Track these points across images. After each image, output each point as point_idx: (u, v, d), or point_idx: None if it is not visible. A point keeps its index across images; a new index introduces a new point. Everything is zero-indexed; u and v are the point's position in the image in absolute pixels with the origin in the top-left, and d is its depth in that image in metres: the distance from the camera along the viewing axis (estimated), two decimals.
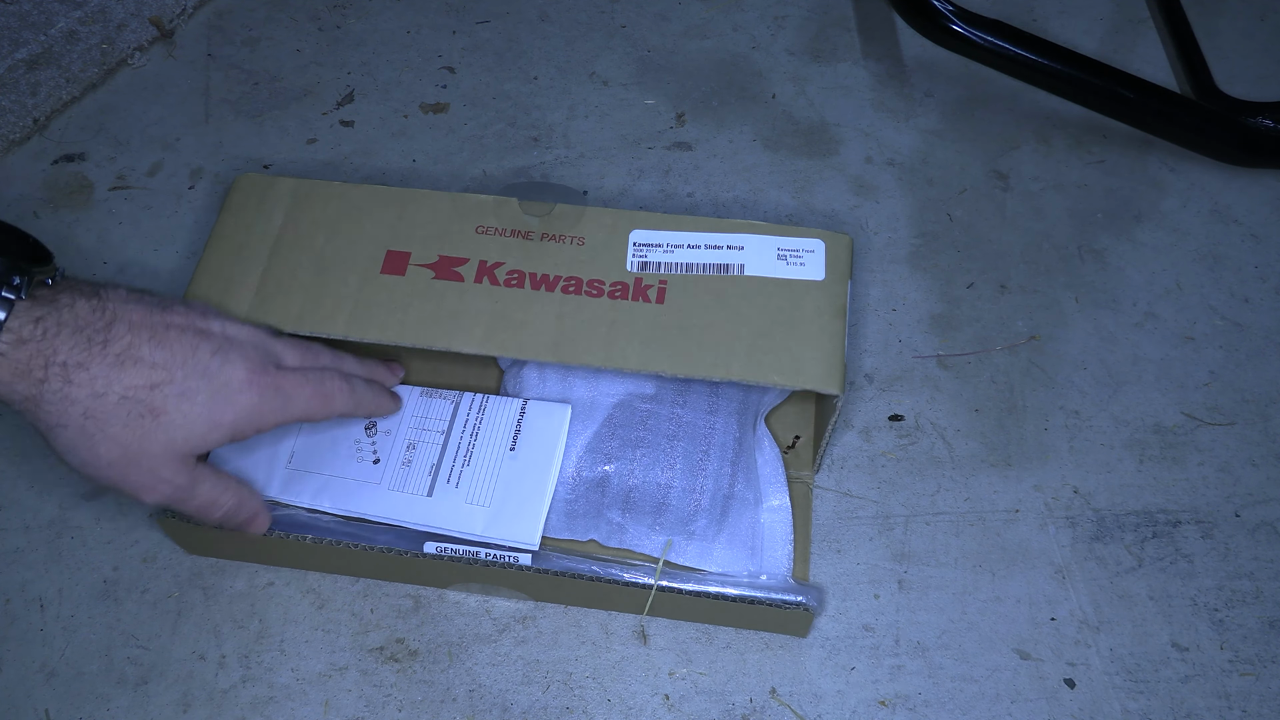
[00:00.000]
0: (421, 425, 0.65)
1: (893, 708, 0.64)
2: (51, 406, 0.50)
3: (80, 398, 0.50)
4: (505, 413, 0.65)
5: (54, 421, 0.50)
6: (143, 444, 0.52)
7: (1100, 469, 0.73)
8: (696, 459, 0.64)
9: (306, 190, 0.68)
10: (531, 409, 0.65)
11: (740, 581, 0.64)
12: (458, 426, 0.65)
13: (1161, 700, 0.64)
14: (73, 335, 0.50)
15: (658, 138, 0.91)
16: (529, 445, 0.64)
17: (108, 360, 0.50)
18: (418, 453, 0.64)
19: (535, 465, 0.63)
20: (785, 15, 1.01)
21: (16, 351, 0.48)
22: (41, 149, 0.90)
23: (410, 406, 0.66)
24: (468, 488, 0.63)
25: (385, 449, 0.65)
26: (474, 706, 0.63)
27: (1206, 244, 0.85)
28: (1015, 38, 0.85)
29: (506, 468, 0.64)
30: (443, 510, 0.63)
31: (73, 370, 0.49)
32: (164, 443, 0.53)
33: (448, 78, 0.95)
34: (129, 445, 0.52)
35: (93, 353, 0.50)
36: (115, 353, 0.51)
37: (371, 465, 0.64)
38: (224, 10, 1.00)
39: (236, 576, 0.68)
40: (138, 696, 0.63)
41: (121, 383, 0.51)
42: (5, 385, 0.49)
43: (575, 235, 0.65)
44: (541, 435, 0.64)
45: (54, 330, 0.49)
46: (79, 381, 0.50)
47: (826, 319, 0.62)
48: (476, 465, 0.64)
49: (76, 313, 0.50)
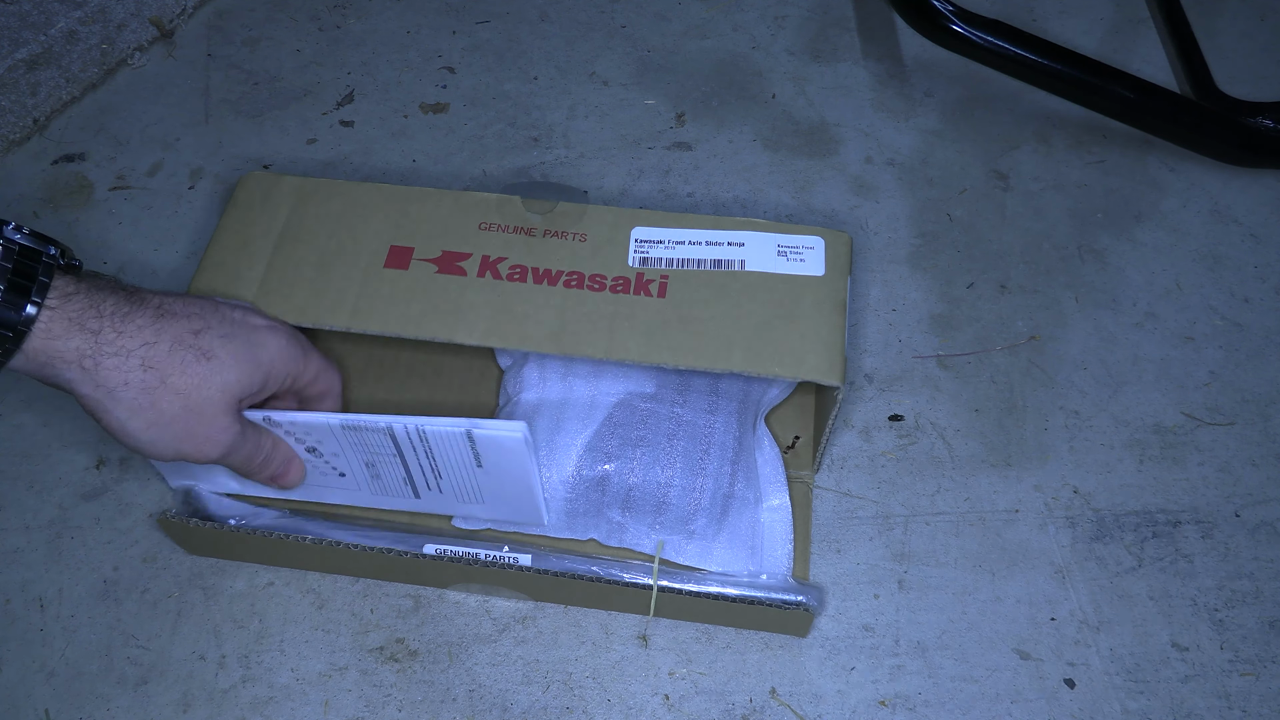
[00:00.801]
0: (365, 450, 0.60)
1: (893, 708, 0.63)
2: (110, 361, 0.50)
3: (134, 348, 0.50)
4: (453, 441, 0.58)
5: (116, 381, 0.50)
6: (201, 391, 0.52)
7: (1100, 469, 0.73)
8: (696, 458, 0.64)
9: (311, 188, 0.68)
10: (481, 441, 0.58)
11: (740, 581, 0.64)
12: (407, 450, 0.59)
13: (1161, 700, 0.64)
14: (113, 293, 0.51)
15: (658, 138, 0.91)
16: (496, 463, 0.59)
17: (148, 312, 0.52)
18: (382, 469, 0.61)
19: (512, 478, 0.60)
20: (785, 15, 1.01)
21: (67, 305, 0.49)
22: (41, 149, 0.89)
23: (339, 436, 0.59)
24: (454, 494, 0.62)
25: (343, 465, 0.62)
26: (474, 706, 0.63)
27: (1206, 244, 0.85)
28: (1015, 38, 0.85)
29: (483, 478, 0.60)
30: (438, 505, 0.63)
31: (121, 320, 0.50)
32: (220, 387, 0.53)
33: (448, 78, 0.95)
34: (189, 394, 0.52)
35: (134, 306, 0.51)
36: (153, 306, 0.52)
37: (339, 478, 0.63)
38: (224, 10, 1.00)
39: (236, 576, 0.68)
40: (138, 696, 0.63)
41: (169, 331, 0.52)
42: (60, 342, 0.49)
43: (577, 232, 0.66)
44: (504, 456, 0.58)
45: (95, 288, 0.51)
46: (130, 331, 0.50)
47: (827, 312, 0.62)
48: (451, 478, 0.61)
49: (106, 281, 0.52)
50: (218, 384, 0.53)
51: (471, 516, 0.66)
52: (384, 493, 0.63)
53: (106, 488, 0.71)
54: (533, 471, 0.59)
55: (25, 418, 0.74)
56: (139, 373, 0.51)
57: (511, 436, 0.57)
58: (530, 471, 0.59)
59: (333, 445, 0.60)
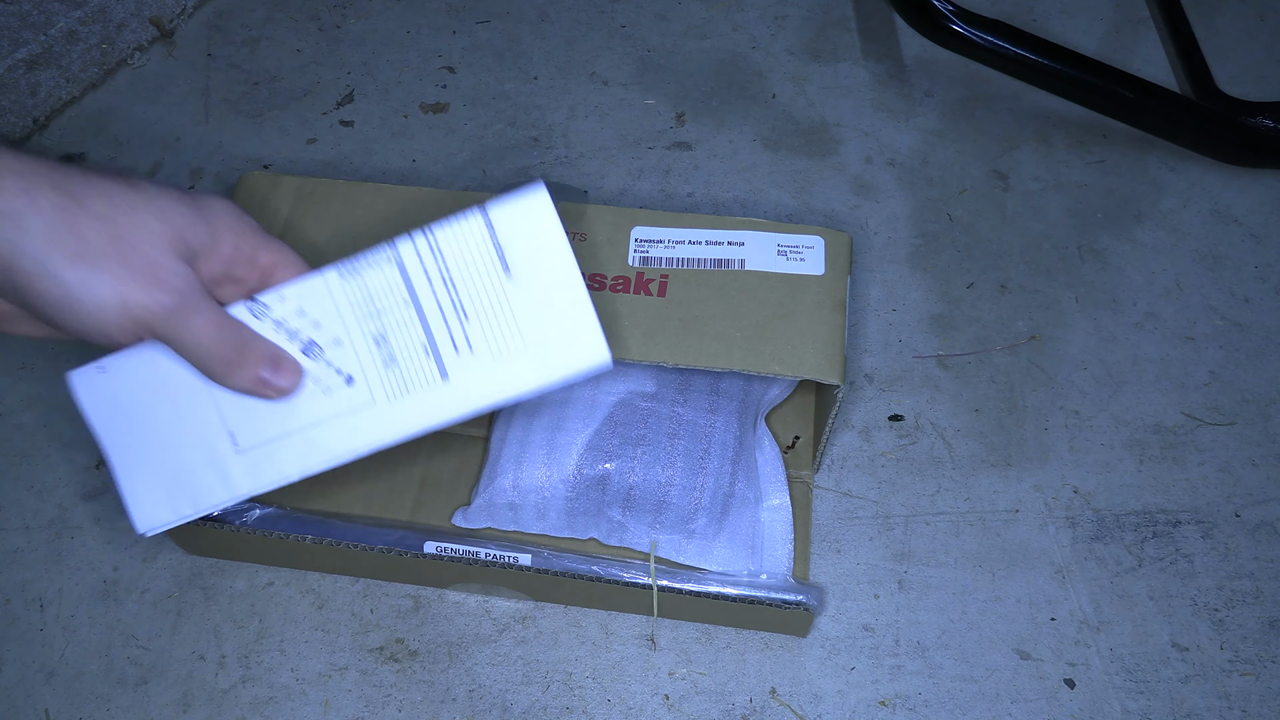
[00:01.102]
0: (372, 310, 0.48)
1: (893, 708, 0.63)
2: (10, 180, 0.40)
3: (41, 170, 0.40)
4: (470, 236, 0.47)
5: (21, 204, 0.39)
6: (130, 216, 0.41)
7: (1100, 469, 0.73)
8: (697, 457, 0.64)
9: (311, 188, 0.68)
10: (498, 216, 0.47)
11: (740, 581, 0.64)
12: (419, 285, 0.48)
13: (1161, 700, 0.64)
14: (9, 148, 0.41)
15: (658, 138, 0.91)
16: (526, 257, 0.48)
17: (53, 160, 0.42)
18: (395, 343, 0.48)
19: (550, 275, 0.48)
20: (785, 15, 1.01)
21: None
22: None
23: (338, 297, 0.48)
24: (486, 345, 0.48)
25: (350, 362, 0.48)
26: (474, 706, 0.63)
27: (1206, 244, 0.85)
28: (1015, 38, 0.85)
29: (516, 297, 0.48)
30: (471, 388, 0.49)
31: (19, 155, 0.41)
32: (155, 214, 0.41)
33: (448, 78, 0.95)
34: (115, 220, 0.40)
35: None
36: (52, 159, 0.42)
37: (347, 390, 0.48)
38: (224, 10, 1.00)
39: (236, 576, 0.68)
40: (138, 696, 0.63)
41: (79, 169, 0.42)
42: None
43: (578, 231, 0.66)
44: (533, 238, 0.48)
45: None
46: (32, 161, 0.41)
47: (827, 312, 0.62)
48: (479, 315, 0.48)
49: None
50: (151, 211, 0.41)
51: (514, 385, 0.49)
52: (404, 389, 0.49)
53: (106, 487, 0.71)
54: (565, 248, 0.47)
55: (25, 418, 0.74)
56: (48, 194, 0.40)
57: (533, 191, 0.46)
58: (565, 247, 0.47)
59: (333, 321, 0.48)
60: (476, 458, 0.71)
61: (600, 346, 0.48)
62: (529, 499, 0.64)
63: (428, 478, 0.70)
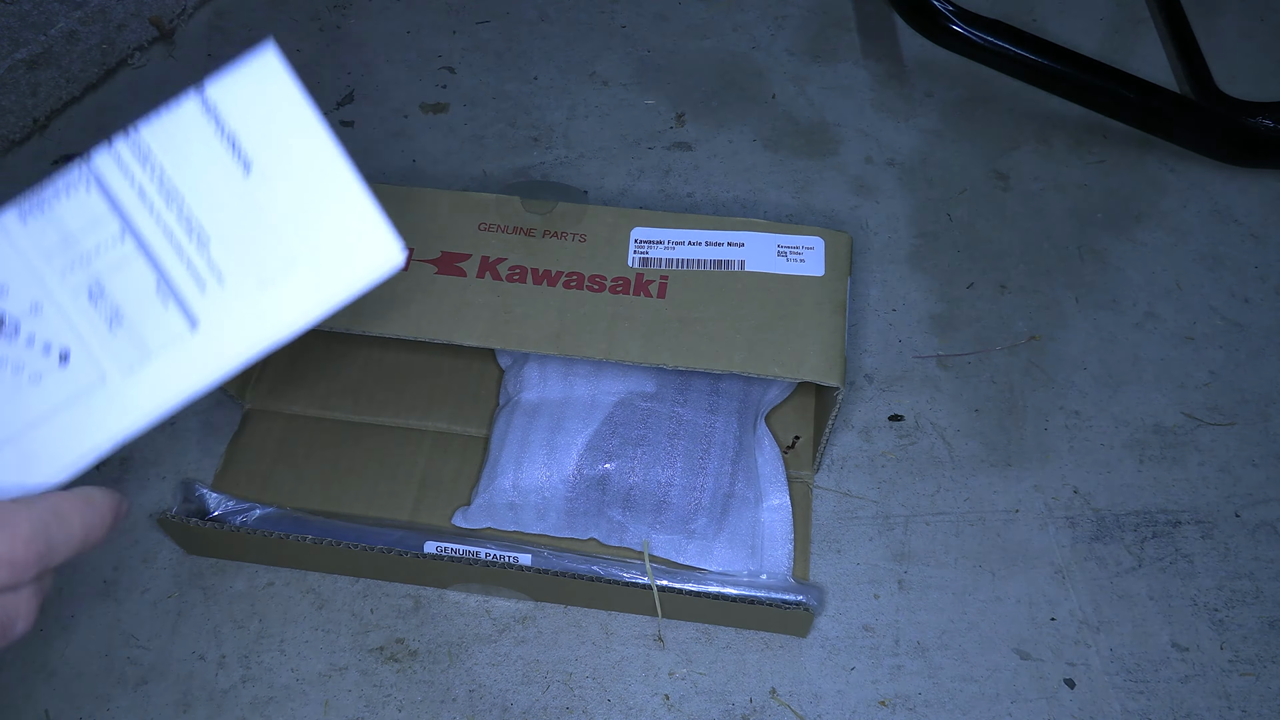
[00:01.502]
0: (78, 255, 0.35)
1: (893, 708, 0.63)
2: None
3: None
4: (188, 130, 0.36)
5: None
6: None
7: (1100, 469, 0.73)
8: (697, 458, 0.64)
9: None
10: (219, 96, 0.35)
11: (740, 581, 0.64)
12: (133, 209, 0.35)
13: (1161, 700, 0.64)
14: None
15: (658, 138, 0.91)
16: (267, 144, 0.36)
17: None
18: (117, 294, 0.35)
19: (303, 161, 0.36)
20: (785, 15, 1.01)
21: None
22: (41, 149, 0.89)
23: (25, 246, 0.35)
24: (241, 270, 0.36)
25: (60, 330, 0.35)
26: (474, 706, 0.63)
27: (1206, 244, 0.85)
28: (1015, 38, 0.85)
29: (266, 199, 0.36)
30: (235, 331, 0.36)
31: None
32: None
33: (448, 78, 0.95)
34: None
35: None
36: None
37: (62, 370, 0.35)
38: (224, 10, 1.00)
39: (236, 576, 0.68)
40: (138, 696, 0.63)
41: None
42: None
43: (577, 232, 0.66)
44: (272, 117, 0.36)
45: None
46: None
47: (826, 313, 0.62)
48: (222, 233, 0.36)
49: None
50: None
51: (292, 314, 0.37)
52: (143, 353, 0.36)
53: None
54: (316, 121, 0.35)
55: None
56: None
57: (258, 58, 0.35)
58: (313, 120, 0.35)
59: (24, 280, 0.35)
60: (476, 458, 0.71)
61: (388, 241, 0.38)
62: (529, 499, 0.64)
63: (428, 478, 0.70)
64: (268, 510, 0.67)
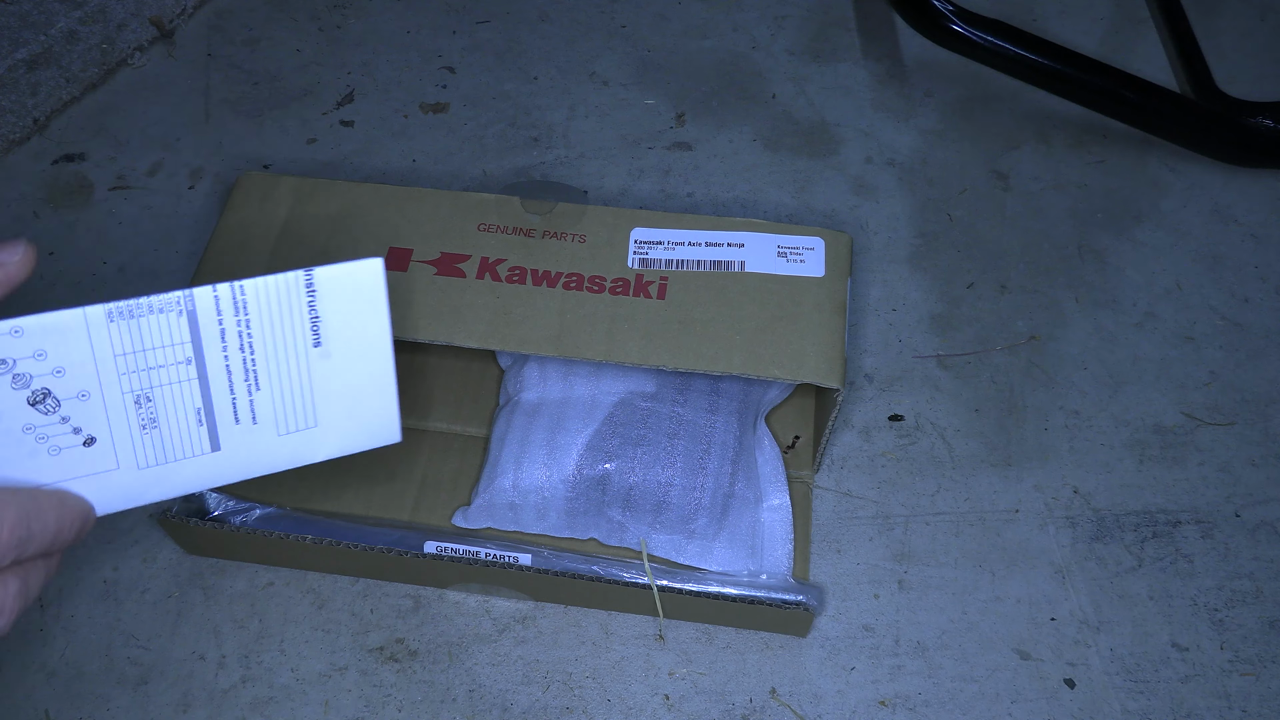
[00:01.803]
0: (141, 365, 0.39)
1: (893, 708, 0.63)
2: None
3: None
4: (284, 298, 0.40)
5: None
6: None
7: (1100, 469, 0.73)
8: (697, 457, 0.64)
9: (309, 188, 0.68)
10: (323, 283, 0.40)
11: (740, 581, 0.64)
12: (209, 344, 0.39)
13: (1161, 700, 0.64)
14: None
15: (658, 138, 0.91)
16: (341, 332, 0.42)
17: None
18: (160, 406, 0.40)
19: (362, 355, 0.43)
20: (785, 15, 1.01)
21: None
22: (41, 149, 0.89)
23: (99, 342, 0.37)
24: (273, 420, 0.42)
25: (95, 421, 0.38)
26: (474, 706, 0.63)
27: (1206, 244, 0.85)
28: (1015, 38, 0.85)
29: (320, 373, 0.42)
30: (246, 458, 0.42)
31: None
32: None
33: (448, 78, 0.95)
34: None
35: None
36: None
37: (82, 451, 0.39)
38: (224, 10, 1.00)
39: (236, 576, 0.68)
40: (138, 696, 0.63)
41: None
42: None
43: (577, 233, 0.66)
44: (355, 312, 0.42)
45: None
46: None
47: (827, 314, 0.62)
48: (273, 387, 0.41)
49: None
50: None
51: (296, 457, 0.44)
52: (161, 457, 0.41)
53: None
54: (388, 329, 0.42)
55: None
56: None
57: (367, 267, 0.40)
58: (385, 328, 0.42)
59: (83, 370, 0.38)
60: (476, 458, 0.71)
61: (394, 432, 0.44)
62: (529, 499, 0.64)
63: (428, 478, 0.70)
64: (268, 510, 0.67)
